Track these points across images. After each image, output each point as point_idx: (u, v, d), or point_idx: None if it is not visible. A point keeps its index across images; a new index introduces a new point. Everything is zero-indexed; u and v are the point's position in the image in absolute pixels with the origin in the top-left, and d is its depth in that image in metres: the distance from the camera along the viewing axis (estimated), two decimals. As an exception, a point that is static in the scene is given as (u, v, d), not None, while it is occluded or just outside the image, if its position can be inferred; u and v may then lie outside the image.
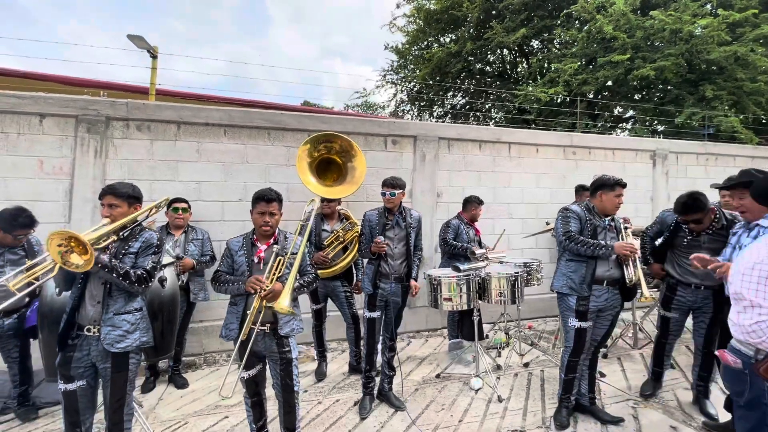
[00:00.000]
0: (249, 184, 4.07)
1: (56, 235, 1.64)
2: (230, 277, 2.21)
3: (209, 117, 3.93)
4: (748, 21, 7.40)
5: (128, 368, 1.95)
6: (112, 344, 1.89)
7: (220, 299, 3.96)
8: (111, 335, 1.89)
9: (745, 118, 7.47)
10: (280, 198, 2.28)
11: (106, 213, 1.94)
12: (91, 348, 1.91)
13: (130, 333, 1.95)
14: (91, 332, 1.90)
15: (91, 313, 1.91)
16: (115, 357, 1.90)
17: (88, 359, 1.92)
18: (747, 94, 7.48)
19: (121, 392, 1.92)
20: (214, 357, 3.93)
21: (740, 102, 7.50)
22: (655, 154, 5.88)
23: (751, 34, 7.28)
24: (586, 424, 2.76)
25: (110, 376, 1.91)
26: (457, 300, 3.27)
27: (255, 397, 2.32)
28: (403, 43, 13.77)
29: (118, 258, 1.95)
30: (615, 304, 2.71)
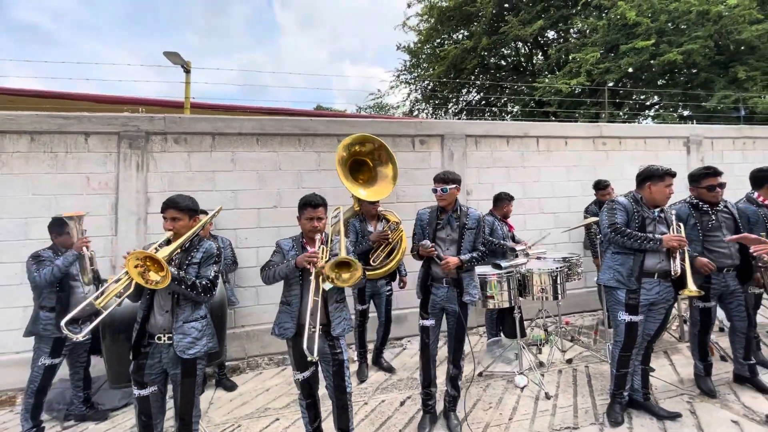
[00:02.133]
0: (282, 191, 4.15)
1: (133, 257, 1.73)
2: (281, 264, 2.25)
3: (242, 127, 4.03)
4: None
5: (197, 373, 2.03)
6: (184, 351, 1.97)
7: (260, 304, 4.05)
8: (182, 342, 1.98)
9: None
10: (326, 202, 2.33)
11: (170, 226, 2.02)
12: (162, 355, 1.99)
13: (198, 340, 2.03)
14: (162, 340, 1.98)
15: (160, 322, 2.00)
16: (185, 363, 1.98)
17: (160, 366, 2.00)
18: (782, 72, 7.17)
19: (190, 395, 2.00)
20: (256, 361, 4.02)
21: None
22: (689, 140, 5.70)
23: (784, 10, 6.99)
24: (642, 419, 2.70)
25: (180, 381, 1.99)
26: (498, 298, 3.25)
27: (310, 398, 2.36)
28: (416, 42, 13.76)
29: (182, 269, 2.02)
30: (668, 297, 2.63)
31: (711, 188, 2.86)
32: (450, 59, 11.22)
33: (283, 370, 3.90)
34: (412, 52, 13.86)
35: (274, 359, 4.06)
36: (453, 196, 2.66)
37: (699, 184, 2.93)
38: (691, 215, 2.93)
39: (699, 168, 3.01)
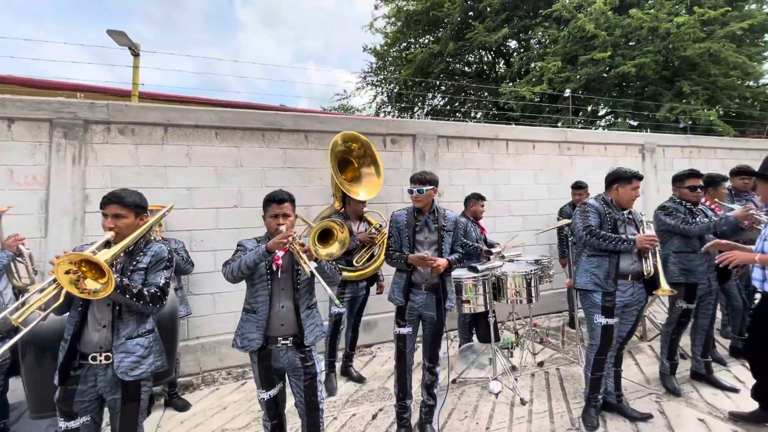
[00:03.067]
0: (244, 189, 3.83)
1: (64, 260, 1.40)
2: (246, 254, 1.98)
3: (199, 118, 3.68)
4: (717, 20, 7.73)
5: (140, 397, 1.72)
6: (126, 372, 1.66)
7: (218, 313, 3.71)
8: (125, 363, 1.67)
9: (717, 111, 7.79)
10: (293, 198, 2.12)
11: (111, 225, 1.70)
12: (98, 378, 1.67)
13: (144, 358, 1.73)
14: (98, 361, 1.66)
15: (96, 339, 1.67)
16: (127, 386, 1.68)
17: (94, 391, 1.67)
18: (720, 89, 7.79)
19: (132, 424, 1.69)
20: (213, 376, 3.66)
21: (714, 96, 7.81)
22: (644, 147, 5.99)
23: (721, 32, 7.60)
24: (616, 422, 2.69)
25: (120, 408, 1.67)
26: (474, 302, 3.15)
27: (276, 419, 2.12)
28: (382, 44, 13.70)
29: (126, 275, 1.72)
30: (640, 299, 2.65)
31: (693, 188, 3.01)
32: (417, 62, 11.24)
33: (243, 385, 3.58)
34: (379, 54, 13.77)
35: (233, 373, 3.72)
36: (429, 198, 2.53)
37: (683, 184, 3.07)
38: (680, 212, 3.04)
39: (684, 170, 3.15)
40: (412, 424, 2.65)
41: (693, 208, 3.04)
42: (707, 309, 3.09)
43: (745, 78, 8.13)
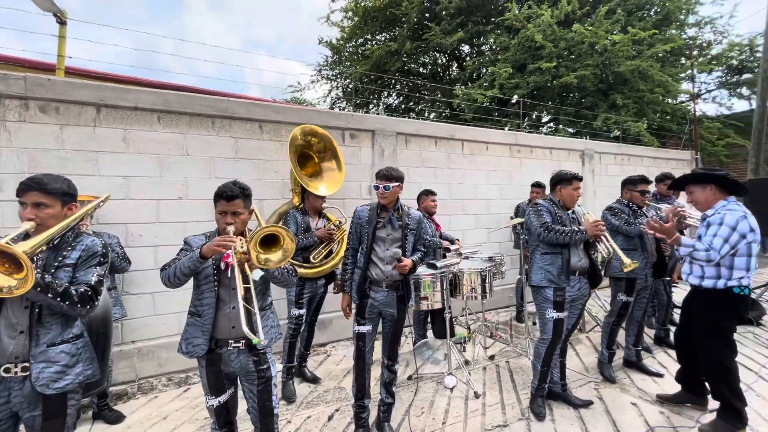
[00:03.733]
0: (190, 180, 3.54)
1: None
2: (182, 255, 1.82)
3: (139, 100, 3.33)
4: (645, 41, 8.55)
5: (66, 412, 1.50)
6: (48, 385, 1.44)
7: (158, 314, 3.40)
8: (45, 374, 1.44)
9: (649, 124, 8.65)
10: (247, 193, 1.92)
11: (30, 215, 1.46)
12: (12, 393, 1.42)
13: (70, 368, 1.51)
14: (12, 372, 1.41)
15: (10, 348, 1.42)
16: (49, 401, 1.45)
17: (7, 409, 1.42)
18: (646, 103, 8.64)
19: None
20: (150, 383, 3.35)
21: (642, 110, 8.65)
22: (584, 153, 6.46)
23: (648, 52, 8.42)
24: (561, 410, 2.86)
25: (41, 426, 1.44)
26: (432, 298, 3.18)
27: (226, 427, 1.96)
28: (338, 38, 13.47)
29: (49, 271, 1.48)
30: (585, 293, 2.84)
31: (643, 193, 3.31)
32: (374, 59, 11.19)
33: (186, 391, 3.31)
34: (335, 48, 13.53)
35: (174, 379, 3.44)
36: (395, 194, 2.49)
37: (635, 187, 3.36)
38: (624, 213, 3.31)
39: (635, 175, 3.44)
40: (369, 423, 2.61)
41: (637, 210, 3.31)
42: (641, 302, 3.39)
43: (667, 95, 9.09)
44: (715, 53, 10.50)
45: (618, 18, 8.41)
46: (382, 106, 14.33)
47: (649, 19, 9.64)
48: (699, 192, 2.57)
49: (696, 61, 10.00)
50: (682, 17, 10.35)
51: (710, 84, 11.24)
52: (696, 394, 2.77)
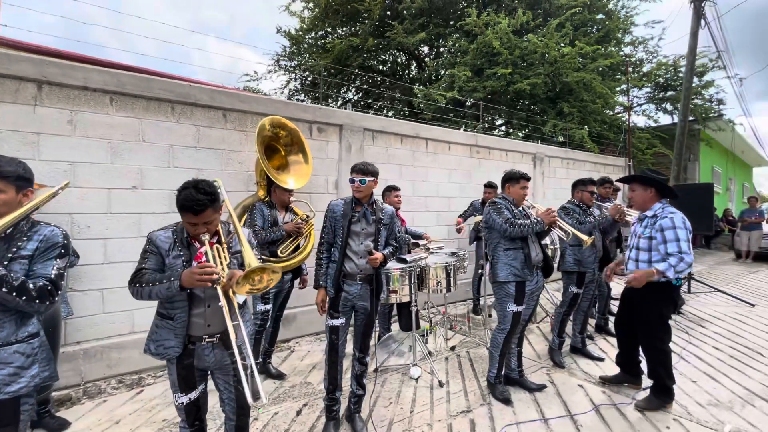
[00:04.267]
0: (146, 168, 3.31)
1: None
2: (156, 275, 1.68)
3: (88, 79, 3.05)
4: (589, 55, 9.29)
5: (19, 419, 1.37)
6: (0, 389, 1.30)
7: (108, 312, 3.16)
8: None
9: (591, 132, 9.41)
10: (214, 197, 1.69)
11: None
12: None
13: (25, 369, 1.39)
14: None
15: None
16: (1, 406, 1.32)
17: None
18: (589, 112, 9.40)
19: None
20: (99, 386, 3.11)
21: (585, 118, 9.40)
22: (536, 156, 6.90)
23: (592, 65, 9.16)
24: (518, 394, 3.07)
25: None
26: (400, 292, 3.26)
27: (196, 424, 1.89)
28: (297, 29, 13.14)
29: (2, 264, 1.34)
30: (541, 285, 3.07)
31: (592, 193, 3.65)
32: (335, 53, 11.05)
33: (140, 393, 3.12)
34: (294, 38, 13.16)
35: (126, 381, 3.21)
36: (370, 189, 2.52)
37: (585, 188, 3.66)
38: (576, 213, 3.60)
39: (585, 177, 3.75)
40: (340, 415, 2.64)
41: (587, 210, 3.63)
42: (588, 293, 3.73)
43: (606, 106, 9.95)
44: (646, 71, 11.65)
45: (567, 32, 9.05)
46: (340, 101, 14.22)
47: (592, 35, 10.49)
48: (640, 192, 2.88)
49: (630, 76, 11.03)
50: (620, 35, 11.37)
51: (641, 98, 12.47)
52: (633, 375, 3.11)
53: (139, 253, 1.77)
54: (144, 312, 3.27)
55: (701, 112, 11.29)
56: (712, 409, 2.83)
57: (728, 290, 6.26)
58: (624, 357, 3.14)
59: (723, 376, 3.35)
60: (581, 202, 3.69)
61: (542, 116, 9.66)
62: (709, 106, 11.59)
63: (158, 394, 3.11)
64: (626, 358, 3.11)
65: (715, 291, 6.20)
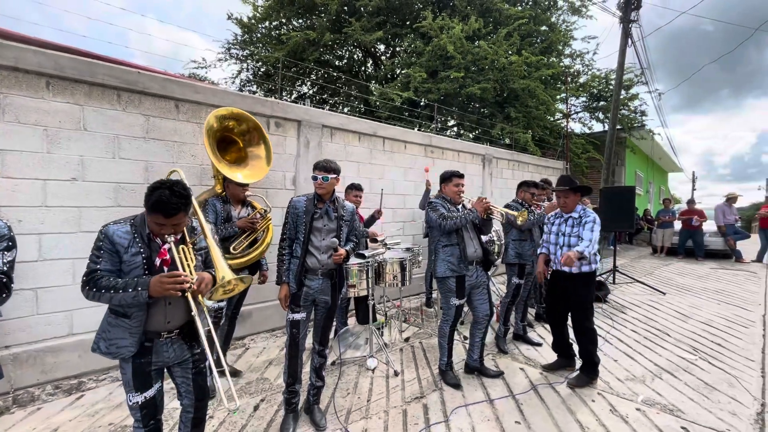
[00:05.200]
0: (88, 159, 3.10)
1: None
2: (118, 281, 1.63)
3: (20, 59, 2.79)
4: (534, 64, 9.97)
5: None
6: None
7: (41, 313, 2.94)
8: None
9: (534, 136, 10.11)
10: (188, 200, 1.70)
11: None
12: None
13: None
14: None
15: None
16: None
17: None
18: (533, 118, 10.11)
19: None
20: (31, 393, 2.88)
21: (530, 123, 10.09)
22: (485, 157, 7.31)
23: (536, 74, 9.84)
24: (468, 379, 3.31)
25: None
26: (359, 286, 3.36)
27: (152, 422, 1.86)
28: (250, 17, 12.67)
29: None
30: (483, 279, 3.28)
31: (533, 194, 4.02)
32: (291, 45, 10.82)
33: (80, 399, 2.94)
34: (246, 26, 12.67)
35: (63, 386, 3.01)
36: (332, 186, 2.59)
37: (528, 189, 4.03)
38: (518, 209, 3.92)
39: (527, 179, 4.11)
40: (299, 408, 2.69)
41: (528, 208, 3.96)
42: (527, 285, 4.07)
43: (547, 113, 10.74)
44: (583, 82, 12.72)
45: (514, 41, 9.63)
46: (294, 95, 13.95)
47: (537, 45, 11.24)
48: (573, 198, 3.24)
49: (569, 86, 11.99)
50: (561, 47, 12.30)
51: (578, 107, 13.59)
52: (567, 357, 3.48)
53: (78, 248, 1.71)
54: (85, 312, 3.08)
55: (627, 122, 12.56)
56: (629, 383, 3.25)
57: (645, 281, 7.10)
58: (558, 340, 3.49)
59: (638, 355, 3.85)
60: (523, 201, 4.03)
61: (491, 119, 10.22)
62: (633, 117, 12.92)
63: (101, 398, 2.95)
64: (560, 341, 3.47)
65: (635, 281, 7.00)
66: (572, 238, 3.20)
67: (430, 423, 2.67)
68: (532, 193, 4.03)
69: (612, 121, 10.39)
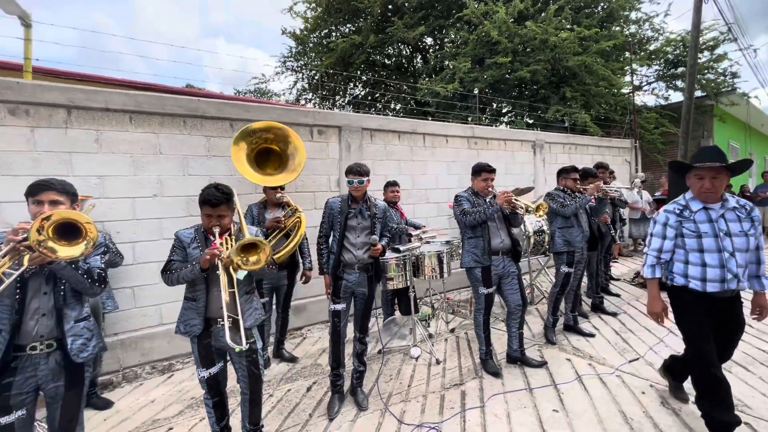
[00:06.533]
0: (164, 178, 3.69)
1: (56, 215, 1.48)
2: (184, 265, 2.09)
3: (109, 101, 3.43)
4: (592, 37, 9.23)
5: (84, 382, 1.76)
6: (78, 354, 1.72)
7: (138, 307, 3.58)
8: (76, 345, 1.72)
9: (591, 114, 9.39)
10: (229, 196, 2.12)
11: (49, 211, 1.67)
12: (39, 368, 1.65)
13: (89, 341, 1.79)
14: (38, 350, 1.64)
15: (35, 330, 1.65)
16: (71, 371, 1.71)
17: (33, 382, 1.65)
18: (592, 95, 9.37)
19: (75, 410, 1.73)
20: (135, 372, 3.54)
21: (588, 102, 9.38)
22: (535, 144, 7.03)
23: (594, 48, 9.11)
24: (510, 369, 3.34)
25: (63, 395, 1.70)
26: (397, 279, 3.56)
27: (217, 396, 2.25)
28: (302, 29, 13.42)
29: None
30: (512, 269, 3.25)
31: (575, 180, 3.89)
32: (339, 52, 11.30)
33: (170, 377, 3.54)
34: (299, 39, 13.47)
35: (158, 367, 3.64)
36: (365, 187, 2.85)
37: (569, 176, 3.91)
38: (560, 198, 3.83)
39: (567, 165, 3.99)
40: (344, 390, 2.97)
41: (571, 194, 3.84)
42: (577, 273, 3.94)
43: (610, 88, 9.88)
44: (654, 49, 11.43)
45: (566, 15, 9.02)
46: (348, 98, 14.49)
47: (596, 15, 10.36)
48: (724, 179, 2.21)
49: (638, 55, 10.87)
50: (626, 14, 11.18)
51: (650, 77, 12.24)
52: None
53: (161, 252, 2.14)
54: (170, 306, 3.68)
55: (713, 87, 11.03)
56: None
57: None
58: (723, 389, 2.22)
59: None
60: (565, 188, 3.89)
61: (546, 102, 9.69)
62: (722, 81, 11.30)
63: (186, 377, 3.52)
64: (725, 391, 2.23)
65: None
66: (748, 239, 2.17)
67: (466, 408, 2.78)
68: (574, 178, 3.88)
69: (688, 89, 9.20)
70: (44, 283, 1.70)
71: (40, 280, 1.69)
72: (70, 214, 1.55)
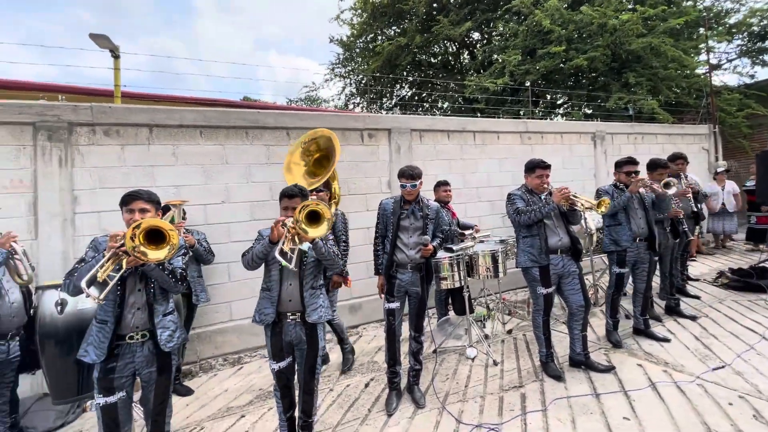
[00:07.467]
0: (230, 185, 4.01)
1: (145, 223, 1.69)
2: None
3: (183, 118, 3.81)
4: (658, 16, 8.48)
5: (172, 368, 1.99)
6: (166, 345, 1.96)
7: (212, 304, 3.90)
8: (164, 336, 1.96)
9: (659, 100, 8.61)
10: (305, 193, 2.38)
11: (138, 219, 1.92)
12: (136, 355, 1.92)
13: (175, 332, 2.03)
14: (135, 339, 1.91)
15: (132, 321, 1.92)
16: (163, 357, 1.96)
17: (132, 367, 1.92)
18: (661, 79, 8.60)
19: (165, 393, 1.97)
20: (210, 363, 3.87)
21: (656, 86, 8.61)
22: (595, 135, 6.61)
23: (661, 27, 8.36)
24: (573, 373, 3.18)
25: (155, 380, 1.95)
26: (450, 279, 3.55)
27: (286, 388, 2.40)
28: (349, 35, 13.79)
29: None
30: (572, 268, 3.09)
31: (629, 173, 3.55)
32: (385, 55, 11.46)
33: (240, 369, 3.82)
34: (346, 45, 13.85)
35: (229, 359, 3.95)
36: (418, 190, 2.89)
37: (621, 169, 3.61)
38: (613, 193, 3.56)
39: (622, 157, 3.66)
40: (401, 387, 3.02)
41: (625, 189, 3.56)
42: (641, 275, 3.63)
43: (682, 69, 8.99)
44: (735, 22, 10.21)
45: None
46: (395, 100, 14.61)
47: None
48: None
49: (714, 31, 9.78)
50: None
51: (731, 53, 10.95)
52: None
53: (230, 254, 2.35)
54: (238, 303, 3.98)
55: (811, 59, 9.62)
56: (788, 388, 2.69)
57: None
58: None
59: (812, 356, 3.10)
60: (618, 182, 3.62)
61: (606, 91, 9.06)
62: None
63: (254, 369, 3.79)
64: None
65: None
66: None
67: (527, 411, 2.71)
68: (627, 172, 3.56)
69: (781, 64, 8.13)
70: (138, 281, 1.96)
71: (135, 278, 1.95)
72: (156, 222, 1.77)
